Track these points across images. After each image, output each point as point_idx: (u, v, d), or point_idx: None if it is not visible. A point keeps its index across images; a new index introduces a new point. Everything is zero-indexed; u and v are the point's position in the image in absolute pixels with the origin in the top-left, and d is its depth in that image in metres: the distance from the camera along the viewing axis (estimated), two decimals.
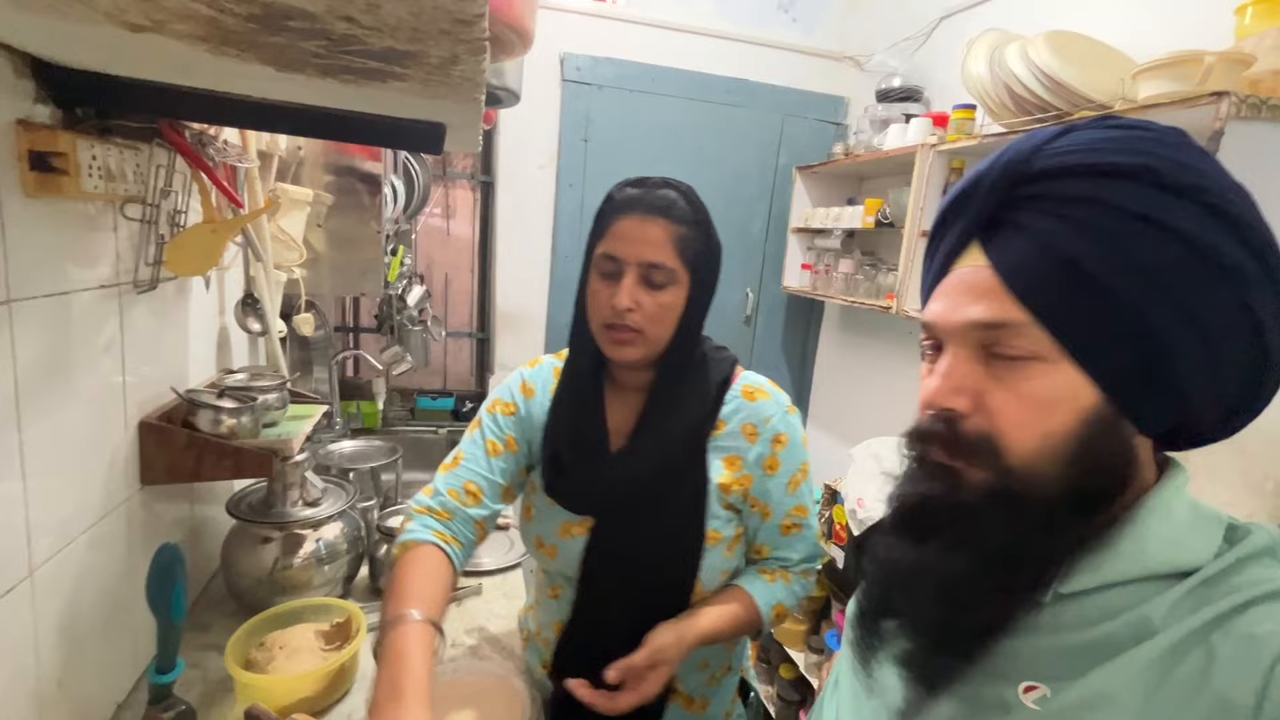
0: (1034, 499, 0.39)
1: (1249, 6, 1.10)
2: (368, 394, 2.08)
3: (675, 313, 0.80)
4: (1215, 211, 0.37)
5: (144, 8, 0.42)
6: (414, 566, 0.77)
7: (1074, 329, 0.38)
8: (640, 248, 0.77)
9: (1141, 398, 0.39)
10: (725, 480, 0.83)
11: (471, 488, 0.86)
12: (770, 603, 0.85)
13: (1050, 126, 0.42)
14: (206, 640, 0.99)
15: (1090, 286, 0.37)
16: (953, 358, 0.42)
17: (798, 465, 0.86)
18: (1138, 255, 0.37)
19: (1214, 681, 0.35)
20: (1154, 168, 0.37)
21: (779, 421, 0.85)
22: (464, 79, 0.54)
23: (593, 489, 0.84)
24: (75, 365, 0.73)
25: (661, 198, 0.79)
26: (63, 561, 0.72)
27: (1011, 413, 0.40)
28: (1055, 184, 0.39)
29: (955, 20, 1.93)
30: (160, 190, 0.82)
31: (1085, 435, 0.39)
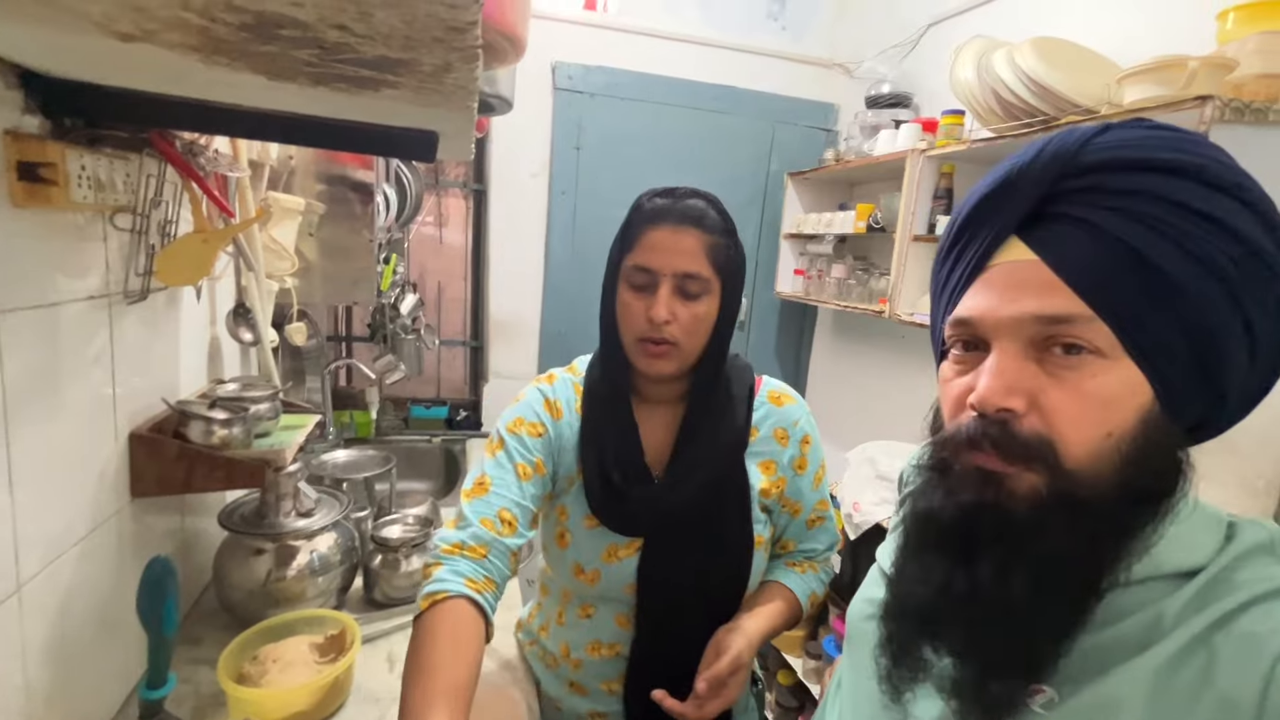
0: (1094, 502, 0.38)
1: (1230, 12, 1.12)
2: (361, 403, 2.07)
3: (709, 323, 0.79)
4: (1256, 210, 0.38)
5: (135, 17, 0.42)
6: (441, 637, 0.66)
7: (1137, 323, 0.37)
8: (674, 258, 0.76)
9: (1190, 395, 0.39)
10: (765, 485, 0.86)
11: (506, 515, 0.77)
12: (806, 593, 0.90)
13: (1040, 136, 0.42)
14: (198, 654, 0.97)
15: (1156, 281, 0.36)
16: (1003, 355, 0.40)
17: (820, 461, 0.91)
18: (1202, 248, 0.36)
19: (1216, 682, 0.35)
20: (1203, 165, 0.37)
21: (805, 423, 0.89)
22: (457, 87, 0.54)
23: (650, 509, 0.81)
24: (64, 377, 0.72)
25: (692, 207, 0.78)
26: (52, 576, 0.71)
27: (1071, 412, 0.38)
28: (1104, 177, 0.38)
29: (943, 27, 1.95)
30: (150, 200, 0.82)
31: (1144, 434, 0.38)
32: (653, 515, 0.81)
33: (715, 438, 0.83)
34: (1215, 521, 0.41)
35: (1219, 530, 0.40)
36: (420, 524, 1.24)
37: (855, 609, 0.57)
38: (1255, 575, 0.37)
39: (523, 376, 2.30)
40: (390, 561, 1.15)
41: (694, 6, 2.26)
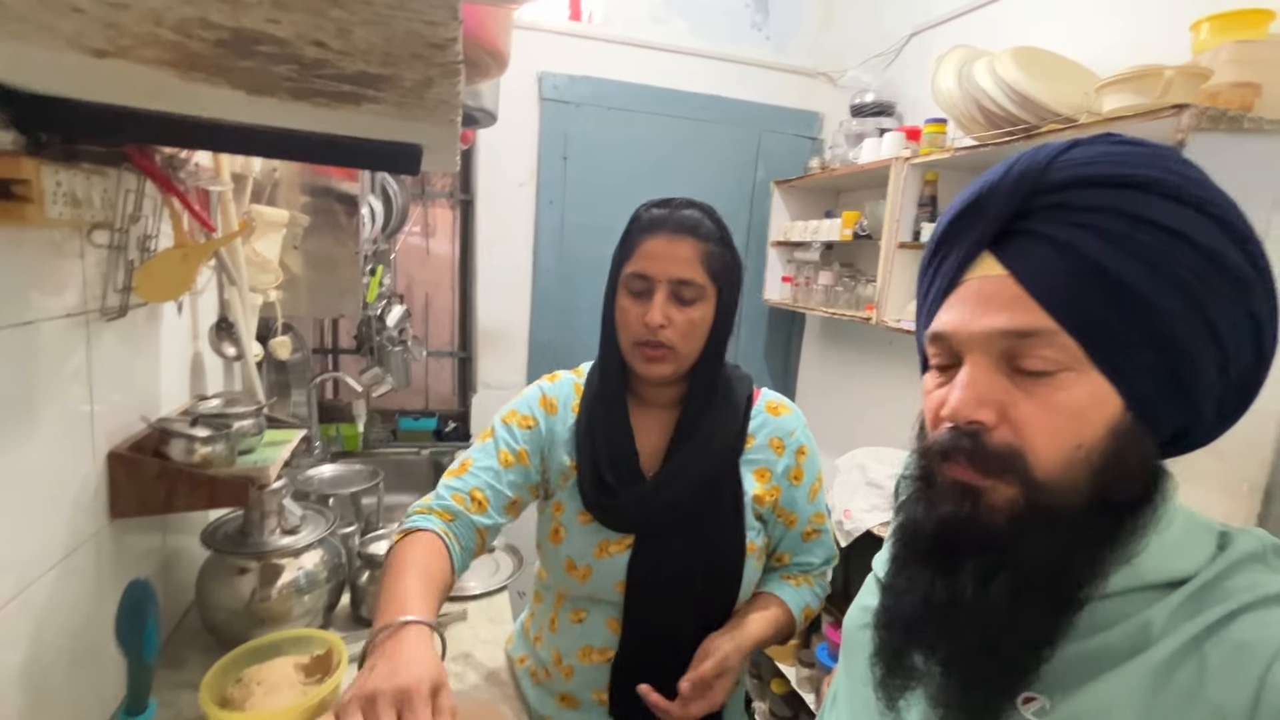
0: (1066, 512, 0.38)
1: (1204, 22, 1.14)
2: (348, 416, 2.05)
3: (704, 328, 0.82)
4: (1222, 223, 0.38)
5: (108, 33, 0.41)
6: (411, 559, 0.71)
7: (1103, 337, 0.38)
8: (670, 265, 0.79)
9: (1162, 406, 0.39)
10: (759, 493, 0.86)
11: (478, 495, 0.82)
12: (800, 606, 0.89)
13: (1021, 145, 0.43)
14: (180, 678, 0.95)
15: (1121, 295, 0.37)
16: (975, 368, 0.41)
17: (816, 474, 0.91)
18: (1166, 263, 0.37)
19: (1208, 691, 0.35)
20: (1167, 180, 0.38)
21: (801, 434, 0.90)
22: (439, 101, 0.53)
23: (639, 507, 0.83)
24: (40, 396, 0.71)
25: (688, 217, 0.81)
26: (26, 602, 0.69)
27: (1041, 424, 0.39)
28: (1072, 194, 0.39)
29: (924, 37, 1.98)
30: (129, 216, 0.81)
31: (1114, 445, 0.38)
32: (642, 512, 0.83)
33: (709, 441, 0.84)
34: (1207, 531, 0.41)
35: (1210, 539, 0.40)
36: None
37: (851, 617, 0.58)
38: (1247, 583, 0.37)
39: (512, 386, 2.29)
40: (378, 578, 1.13)
41: (679, 17, 2.28)
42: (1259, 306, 0.39)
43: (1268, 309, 0.39)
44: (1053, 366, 0.38)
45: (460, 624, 1.16)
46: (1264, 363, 0.40)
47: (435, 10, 0.34)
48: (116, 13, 0.38)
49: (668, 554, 0.83)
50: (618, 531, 0.84)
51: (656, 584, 0.83)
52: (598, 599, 0.85)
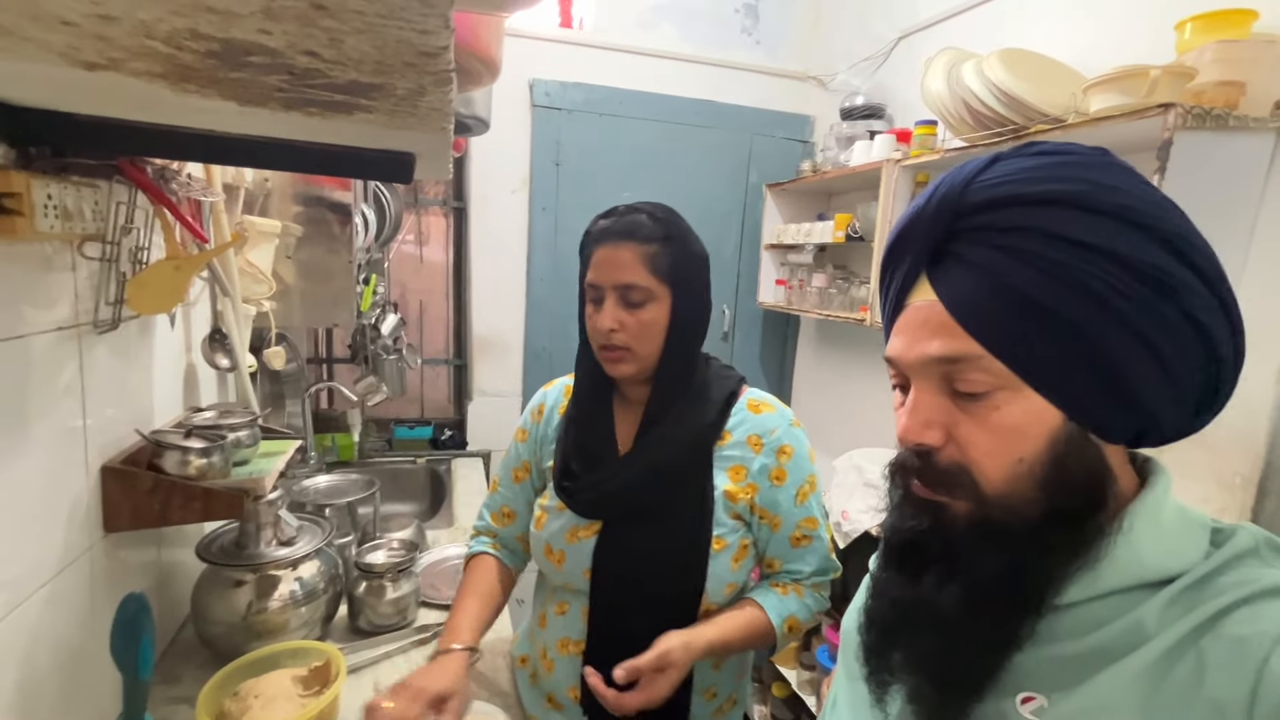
0: (1017, 524, 0.40)
1: (1188, 22, 1.15)
2: (343, 426, 2.04)
3: (660, 327, 0.85)
4: (1145, 228, 0.38)
5: (99, 46, 0.41)
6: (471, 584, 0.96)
7: (1027, 357, 0.39)
8: (614, 272, 0.83)
9: (1104, 414, 0.40)
10: (731, 489, 0.86)
11: (506, 510, 1.01)
12: (782, 615, 0.87)
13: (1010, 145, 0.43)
14: (176, 693, 0.94)
15: (1036, 314, 0.38)
16: (919, 392, 0.43)
17: (804, 477, 0.89)
18: (1077, 278, 0.37)
19: (1206, 685, 0.35)
20: (1082, 192, 0.38)
21: (784, 433, 0.88)
22: (431, 110, 0.53)
23: (598, 491, 0.87)
24: (32, 411, 0.70)
25: (628, 222, 0.84)
26: (19, 619, 0.68)
27: (982, 442, 0.40)
28: (990, 215, 0.40)
29: (913, 40, 1.99)
30: (121, 228, 0.80)
31: (1056, 456, 0.39)
32: (599, 496, 0.87)
33: (673, 430, 0.86)
34: (1201, 527, 0.41)
35: (1204, 536, 0.41)
36: (405, 548, 1.21)
37: (849, 618, 0.58)
38: (1241, 578, 0.38)
39: (507, 394, 2.29)
40: (375, 588, 1.13)
41: (669, 23, 2.29)
42: (1197, 308, 0.38)
43: (1210, 308, 0.38)
44: (985, 388, 0.40)
45: None
46: (1220, 359, 0.39)
47: (427, 19, 0.35)
48: (107, 26, 0.38)
49: (631, 542, 0.85)
50: (584, 517, 0.88)
51: (620, 572, 0.86)
52: (574, 588, 0.89)
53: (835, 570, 0.93)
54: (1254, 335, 0.42)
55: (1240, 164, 1.10)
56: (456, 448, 2.26)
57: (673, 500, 0.85)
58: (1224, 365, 0.40)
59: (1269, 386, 1.09)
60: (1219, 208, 1.11)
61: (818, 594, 0.91)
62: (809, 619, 0.90)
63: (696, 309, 0.88)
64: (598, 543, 0.86)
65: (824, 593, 0.92)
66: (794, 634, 0.89)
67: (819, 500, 0.91)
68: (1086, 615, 0.40)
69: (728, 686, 0.92)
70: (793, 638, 0.89)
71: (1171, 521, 0.41)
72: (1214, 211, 1.11)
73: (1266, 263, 1.12)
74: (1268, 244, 1.12)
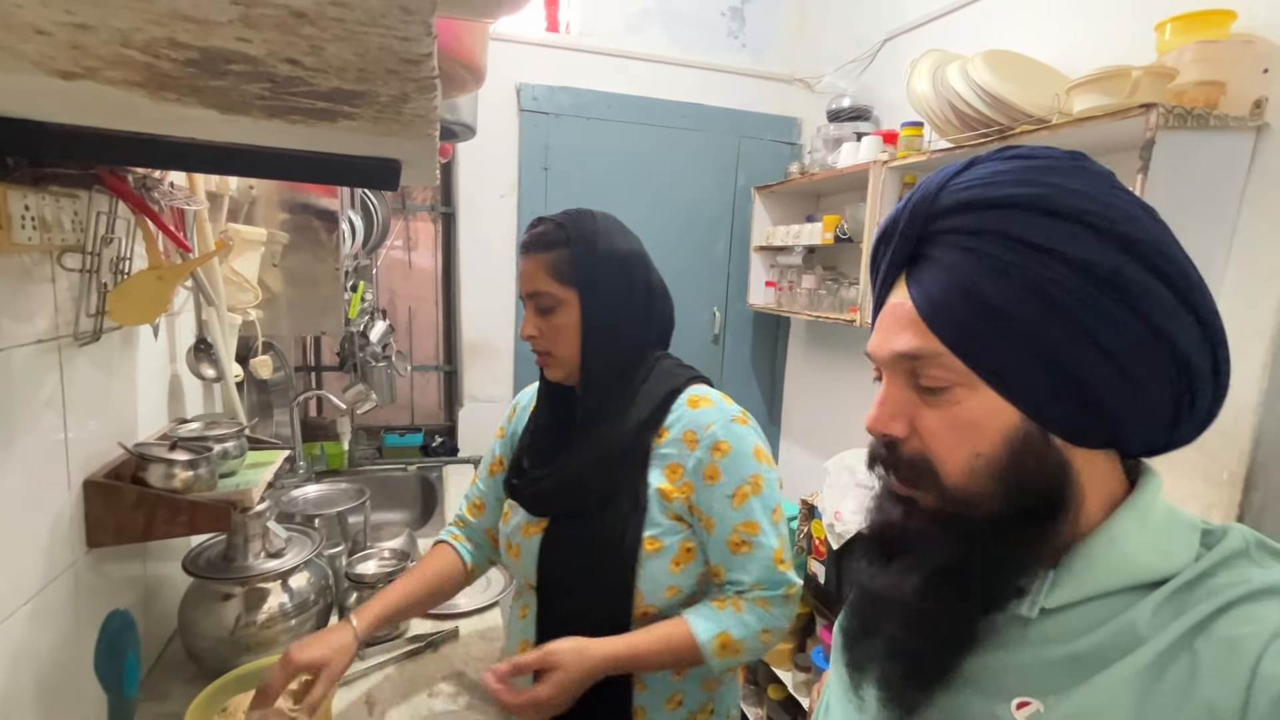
0: (974, 518, 0.41)
1: (1168, 23, 1.17)
2: (332, 434, 2.02)
3: (572, 330, 0.86)
4: (1103, 232, 0.38)
5: (74, 55, 0.41)
6: (415, 568, 1.00)
7: (984, 356, 0.40)
8: (525, 283, 0.88)
9: (1063, 416, 0.40)
10: (665, 487, 0.84)
11: (478, 502, 1.05)
12: (712, 632, 0.80)
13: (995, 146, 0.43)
14: (164, 709, 0.93)
15: (992, 315, 0.39)
16: (888, 386, 0.45)
17: (744, 477, 0.83)
18: (1031, 281, 0.38)
19: (1200, 687, 0.35)
20: (1043, 195, 0.39)
21: (720, 429, 0.84)
22: (416, 116, 0.53)
23: (537, 488, 0.90)
24: (12, 425, 0.69)
25: (532, 234, 0.88)
26: (1, 637, 0.67)
27: (941, 436, 0.42)
28: (958, 218, 0.41)
29: (898, 42, 2.01)
30: (102, 238, 0.79)
31: (1012, 454, 0.40)
32: (539, 493, 0.90)
33: (606, 428, 0.86)
34: (1191, 529, 0.41)
35: (1194, 537, 0.41)
36: (397, 557, 1.20)
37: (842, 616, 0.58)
38: (1232, 579, 0.38)
39: (498, 399, 2.27)
40: (366, 599, 1.11)
41: (656, 26, 2.29)
42: (1158, 315, 0.38)
43: (1175, 316, 0.38)
44: (945, 383, 0.41)
45: (452, 643, 1.15)
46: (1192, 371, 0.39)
47: (408, 26, 0.34)
48: (82, 34, 0.37)
49: (569, 540, 0.87)
50: (531, 514, 0.91)
51: (560, 570, 0.87)
52: (531, 586, 0.90)
53: (786, 584, 0.83)
54: (1237, 332, 0.42)
55: (1221, 163, 1.12)
56: (447, 454, 2.24)
57: (609, 498, 0.84)
58: (1198, 377, 0.39)
59: (1254, 384, 1.11)
60: (1201, 206, 1.13)
61: (763, 609, 0.82)
62: (749, 637, 0.81)
63: (610, 308, 0.86)
64: (542, 540, 0.88)
65: (773, 608, 0.82)
66: (730, 653, 0.80)
67: (766, 505, 0.83)
68: (1078, 618, 0.40)
69: (696, 696, 0.89)
70: (730, 657, 0.81)
71: (1161, 523, 0.41)
72: (1196, 210, 1.13)
73: (1247, 260, 1.13)
74: (1248, 241, 1.13)
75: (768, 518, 0.84)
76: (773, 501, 0.85)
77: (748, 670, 2.12)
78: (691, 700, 0.89)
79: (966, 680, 0.43)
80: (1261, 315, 1.10)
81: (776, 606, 0.83)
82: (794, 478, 2.54)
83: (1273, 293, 1.10)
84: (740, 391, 2.59)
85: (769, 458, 0.87)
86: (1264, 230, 1.11)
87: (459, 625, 1.19)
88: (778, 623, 0.83)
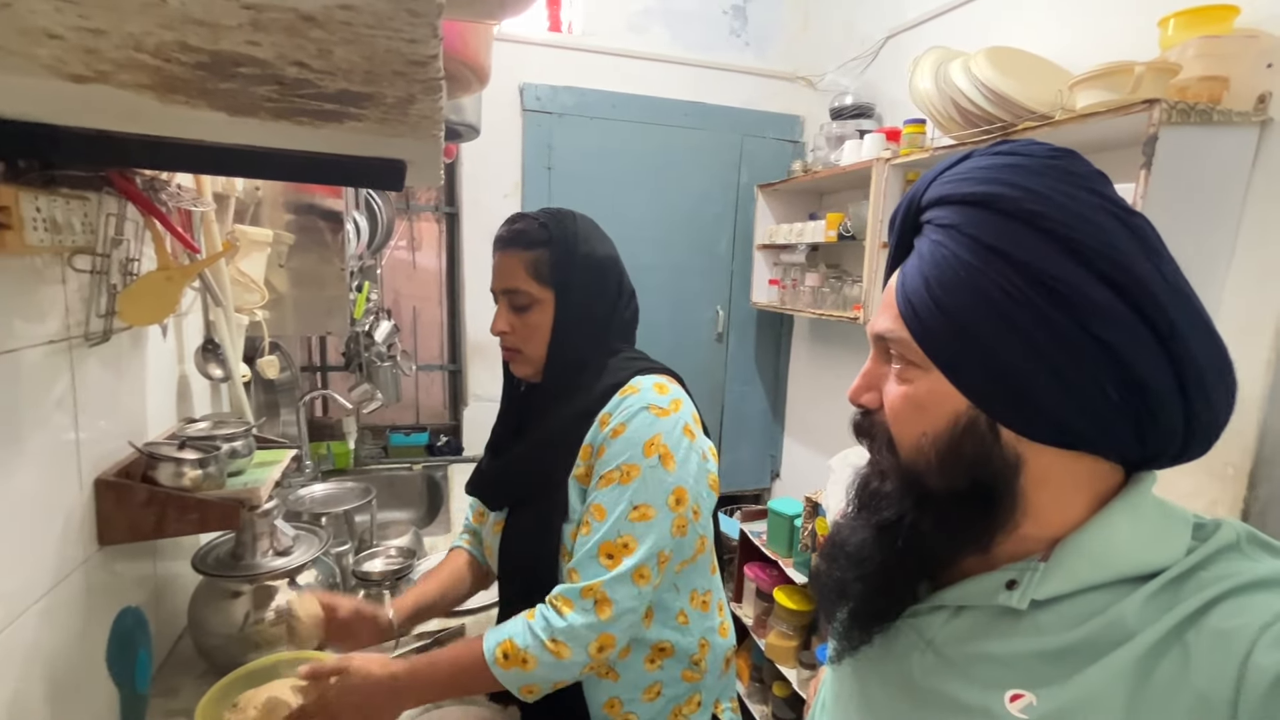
0: (917, 488, 0.44)
1: (1170, 19, 1.16)
2: (338, 434, 2.03)
3: (544, 329, 0.87)
4: (1056, 237, 0.38)
5: (86, 59, 0.41)
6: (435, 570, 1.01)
7: (938, 345, 0.42)
8: (499, 278, 0.88)
9: (1008, 410, 0.41)
10: (579, 471, 0.83)
11: (479, 509, 1.04)
12: (497, 640, 0.75)
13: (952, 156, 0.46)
14: (175, 705, 0.94)
15: (942, 307, 0.41)
16: (870, 361, 0.49)
17: (617, 462, 0.77)
18: (973, 278, 0.40)
19: (1191, 679, 0.35)
20: (999, 195, 0.40)
21: (629, 413, 0.79)
22: (421, 117, 0.53)
23: (485, 482, 0.94)
24: (24, 425, 0.70)
25: (512, 231, 0.87)
26: (14, 635, 0.68)
27: (899, 412, 0.45)
28: (936, 212, 0.43)
29: (900, 39, 2.00)
30: (111, 239, 0.80)
31: (953, 437, 0.42)
32: (481, 485, 0.94)
33: (543, 428, 0.87)
34: (1182, 522, 0.41)
35: (1185, 531, 0.41)
36: (403, 555, 1.21)
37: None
38: (1223, 572, 0.38)
39: None
40: (373, 596, 1.12)
41: (659, 25, 2.30)
42: (1100, 325, 0.37)
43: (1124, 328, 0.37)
44: (904, 364, 0.45)
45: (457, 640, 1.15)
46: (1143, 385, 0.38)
47: (415, 28, 0.35)
48: (94, 39, 0.38)
49: (516, 532, 0.88)
50: (488, 508, 0.96)
51: (509, 561, 0.89)
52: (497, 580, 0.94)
53: (590, 580, 0.74)
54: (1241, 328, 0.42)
55: (1225, 158, 1.12)
56: (452, 453, 2.25)
57: (544, 490, 0.85)
58: (1154, 393, 0.38)
59: (1259, 379, 1.10)
60: (1204, 202, 1.12)
61: (557, 613, 0.74)
62: (532, 645, 0.73)
63: (583, 310, 0.87)
64: (501, 534, 0.90)
65: (573, 610, 0.74)
66: (515, 663, 0.73)
67: (627, 497, 0.76)
68: (1069, 610, 0.41)
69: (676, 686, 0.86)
70: (516, 668, 0.73)
71: (1152, 517, 0.41)
72: (1200, 206, 1.12)
73: (1251, 256, 1.13)
74: (1253, 237, 1.13)
75: (620, 509, 0.76)
76: (641, 498, 0.76)
77: (753, 668, 2.12)
78: (672, 690, 0.87)
79: (959, 672, 0.44)
80: (1266, 310, 1.10)
81: (577, 610, 0.74)
82: (798, 475, 2.55)
83: (1277, 288, 1.09)
84: (744, 390, 2.59)
85: (673, 459, 0.78)
86: (1268, 226, 1.11)
87: (465, 623, 1.19)
88: (574, 633, 0.73)
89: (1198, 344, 0.38)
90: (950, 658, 0.45)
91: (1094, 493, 0.43)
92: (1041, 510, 0.42)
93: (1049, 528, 0.42)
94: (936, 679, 0.45)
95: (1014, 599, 0.42)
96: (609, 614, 0.74)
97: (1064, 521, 0.42)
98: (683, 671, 0.88)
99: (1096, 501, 0.42)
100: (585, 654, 0.73)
